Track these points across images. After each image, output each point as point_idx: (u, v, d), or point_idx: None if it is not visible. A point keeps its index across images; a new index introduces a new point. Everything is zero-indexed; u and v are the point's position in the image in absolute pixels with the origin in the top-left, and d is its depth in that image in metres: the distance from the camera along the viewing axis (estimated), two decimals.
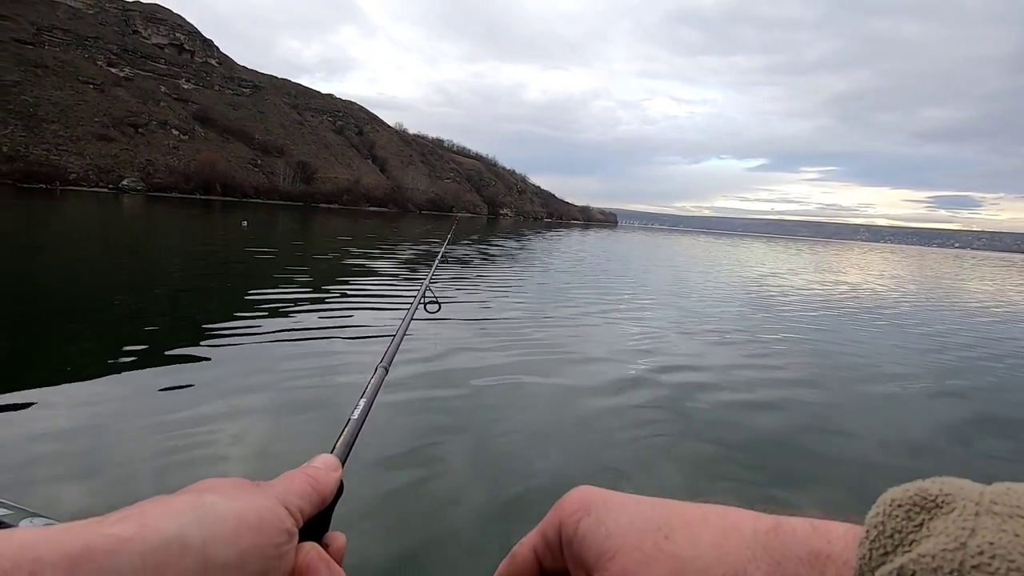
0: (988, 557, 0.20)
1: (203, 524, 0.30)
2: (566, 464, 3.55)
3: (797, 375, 6.08)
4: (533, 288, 11.88)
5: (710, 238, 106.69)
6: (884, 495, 0.24)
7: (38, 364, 4.69)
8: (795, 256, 43.58)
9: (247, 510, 0.33)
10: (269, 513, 0.34)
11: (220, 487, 0.34)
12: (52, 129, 79.37)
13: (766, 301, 12.73)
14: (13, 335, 5.52)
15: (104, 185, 76.09)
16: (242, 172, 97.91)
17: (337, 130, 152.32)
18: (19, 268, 9.84)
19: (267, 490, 0.36)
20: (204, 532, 0.30)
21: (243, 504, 0.33)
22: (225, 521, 0.32)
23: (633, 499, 0.33)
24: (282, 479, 0.38)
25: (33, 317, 6.26)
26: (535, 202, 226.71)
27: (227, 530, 0.31)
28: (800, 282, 19.16)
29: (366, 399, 0.56)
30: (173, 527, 0.29)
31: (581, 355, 6.26)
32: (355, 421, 0.52)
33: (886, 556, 0.23)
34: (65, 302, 7.30)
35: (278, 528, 0.34)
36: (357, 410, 0.53)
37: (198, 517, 0.31)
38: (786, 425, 4.48)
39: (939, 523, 0.22)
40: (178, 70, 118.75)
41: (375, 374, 0.64)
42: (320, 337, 6.08)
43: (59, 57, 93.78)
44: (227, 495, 0.33)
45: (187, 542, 0.29)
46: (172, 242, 17.68)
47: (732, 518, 0.30)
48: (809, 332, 8.91)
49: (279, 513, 0.35)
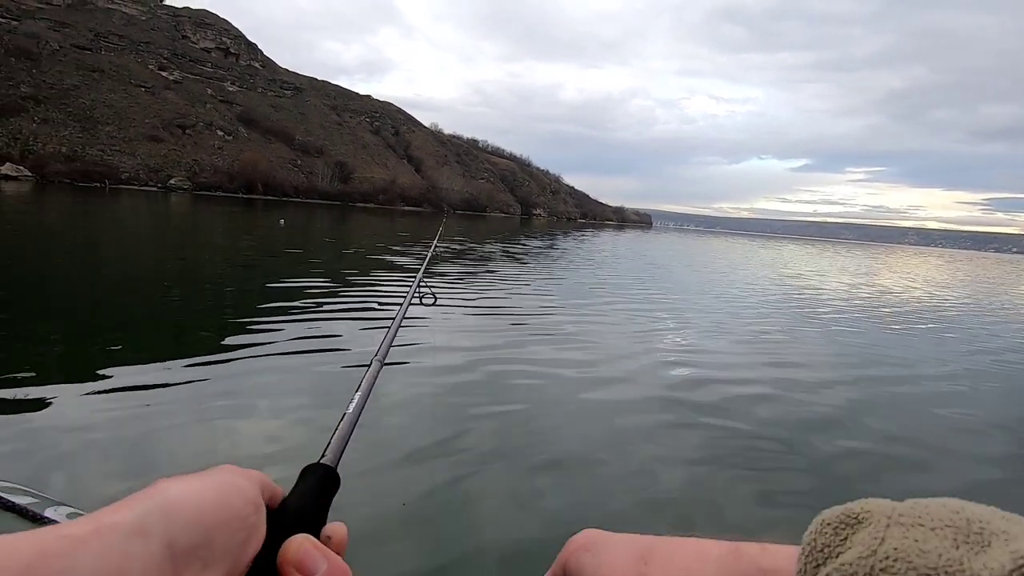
0: (892, 560, 0.23)
1: (161, 510, 0.30)
2: (587, 457, 3.64)
3: (840, 384, 5.88)
4: (554, 289, 12.13)
5: (746, 240, 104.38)
6: (817, 517, 0.28)
7: (76, 356, 5.20)
8: (836, 259, 42.46)
9: (205, 489, 0.32)
10: (229, 487, 0.34)
11: (175, 477, 0.33)
12: (107, 130, 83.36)
13: (805, 310, 12.60)
14: (71, 324, 6.10)
15: (153, 184, 79.47)
16: (283, 172, 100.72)
17: (374, 131, 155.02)
18: (82, 261, 10.63)
19: (221, 468, 0.35)
20: (164, 518, 0.29)
21: (201, 484, 0.33)
22: (184, 504, 0.31)
23: (628, 537, 0.36)
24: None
25: (85, 308, 6.87)
26: (569, 202, 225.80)
27: (188, 513, 0.30)
28: (842, 286, 18.85)
29: (361, 392, 0.56)
30: (130, 520, 0.28)
31: (607, 356, 6.37)
32: (350, 415, 0.51)
33: (817, 568, 0.26)
34: (116, 294, 7.95)
35: (242, 500, 0.34)
36: (352, 404, 0.53)
37: (155, 504, 0.30)
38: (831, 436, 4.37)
39: (858, 536, 0.26)
40: (224, 73, 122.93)
41: (370, 367, 0.64)
42: (333, 334, 6.47)
43: (114, 62, 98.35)
44: (183, 480, 0.33)
45: (147, 532, 0.28)
46: (215, 239, 18.62)
47: (701, 546, 0.33)
48: (856, 344, 8.49)
49: (239, 484, 0.34)
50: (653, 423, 4.40)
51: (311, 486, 0.41)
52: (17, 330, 5.57)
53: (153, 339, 5.66)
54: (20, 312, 6.30)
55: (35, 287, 7.86)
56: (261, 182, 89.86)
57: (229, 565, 0.32)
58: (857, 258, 50.45)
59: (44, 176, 64.10)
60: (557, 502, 3.12)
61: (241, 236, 19.92)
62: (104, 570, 0.26)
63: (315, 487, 0.41)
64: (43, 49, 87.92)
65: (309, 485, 0.41)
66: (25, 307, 6.57)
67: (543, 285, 12.41)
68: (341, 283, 9.96)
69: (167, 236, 18.11)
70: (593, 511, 3.07)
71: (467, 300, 9.19)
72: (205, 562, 0.30)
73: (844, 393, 5.66)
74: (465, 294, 9.84)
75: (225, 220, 28.72)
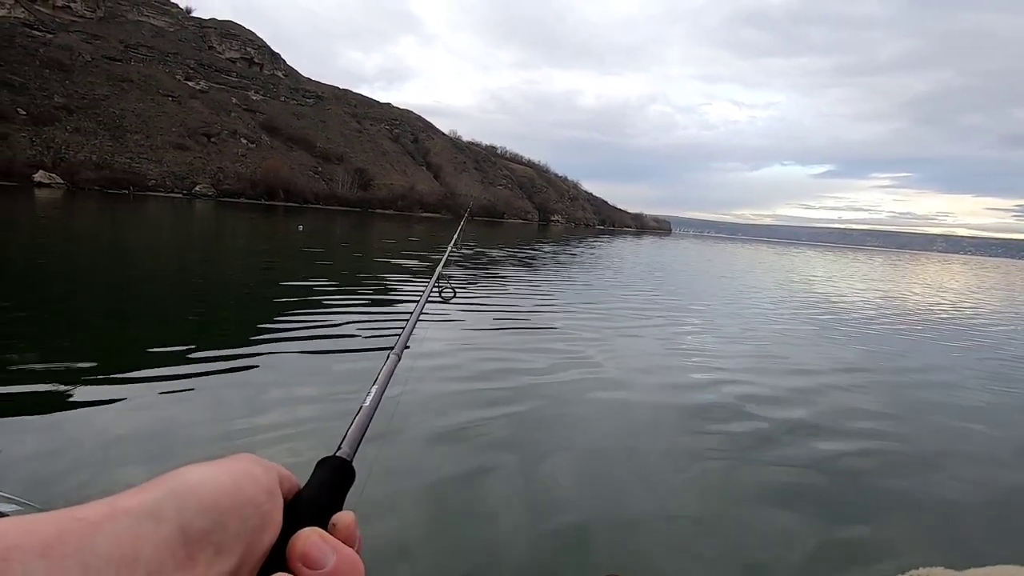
0: None
1: (175, 494, 0.30)
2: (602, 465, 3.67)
3: (868, 399, 5.76)
4: (568, 291, 12.31)
5: (765, 247, 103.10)
6: None
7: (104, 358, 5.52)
8: (851, 266, 41.90)
9: (219, 474, 0.33)
10: (243, 474, 0.34)
11: (191, 464, 0.33)
12: (135, 139, 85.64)
13: (830, 319, 12.62)
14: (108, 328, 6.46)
15: (179, 191, 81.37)
16: (304, 179, 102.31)
17: (393, 138, 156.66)
18: (114, 265, 11.11)
19: (238, 456, 0.36)
20: (177, 502, 0.30)
21: (216, 470, 0.33)
22: (198, 488, 0.31)
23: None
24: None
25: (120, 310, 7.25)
26: (587, 209, 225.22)
27: (202, 497, 0.31)
28: (850, 290, 18.71)
29: (378, 386, 0.56)
30: (145, 503, 0.29)
31: (624, 357, 6.50)
32: (367, 408, 0.51)
33: None
34: (142, 291, 8.34)
35: (256, 487, 0.34)
36: (369, 397, 0.53)
37: (169, 488, 0.30)
38: (853, 454, 4.28)
39: None
40: (248, 82, 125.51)
41: (387, 361, 0.64)
42: (350, 332, 6.73)
43: (143, 72, 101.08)
44: (200, 466, 0.33)
45: (161, 515, 0.29)
46: (238, 242, 19.22)
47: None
48: (882, 353, 8.31)
49: (254, 472, 0.35)
50: (667, 424, 4.51)
51: (325, 478, 0.41)
52: (48, 326, 5.95)
53: (177, 334, 5.99)
54: (52, 309, 6.69)
55: (67, 285, 8.30)
56: (283, 189, 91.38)
57: (243, 552, 0.32)
58: (876, 265, 49.67)
59: (75, 183, 66.09)
60: (573, 498, 3.21)
61: (261, 240, 20.47)
62: (118, 552, 0.27)
63: (329, 479, 0.41)
64: (76, 61, 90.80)
65: (323, 477, 0.41)
66: (56, 304, 6.97)
67: (557, 288, 12.59)
68: (356, 283, 10.28)
69: (192, 240, 18.71)
70: (608, 509, 3.13)
71: (485, 302, 9.42)
72: (218, 548, 0.31)
73: (855, 398, 5.72)
74: (481, 295, 10.07)
75: (247, 225, 29.43)
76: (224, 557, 0.31)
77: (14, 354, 4.83)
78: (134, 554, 0.27)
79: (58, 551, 0.25)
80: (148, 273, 10.62)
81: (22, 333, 5.49)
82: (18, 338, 5.30)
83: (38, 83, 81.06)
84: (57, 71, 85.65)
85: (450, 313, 7.46)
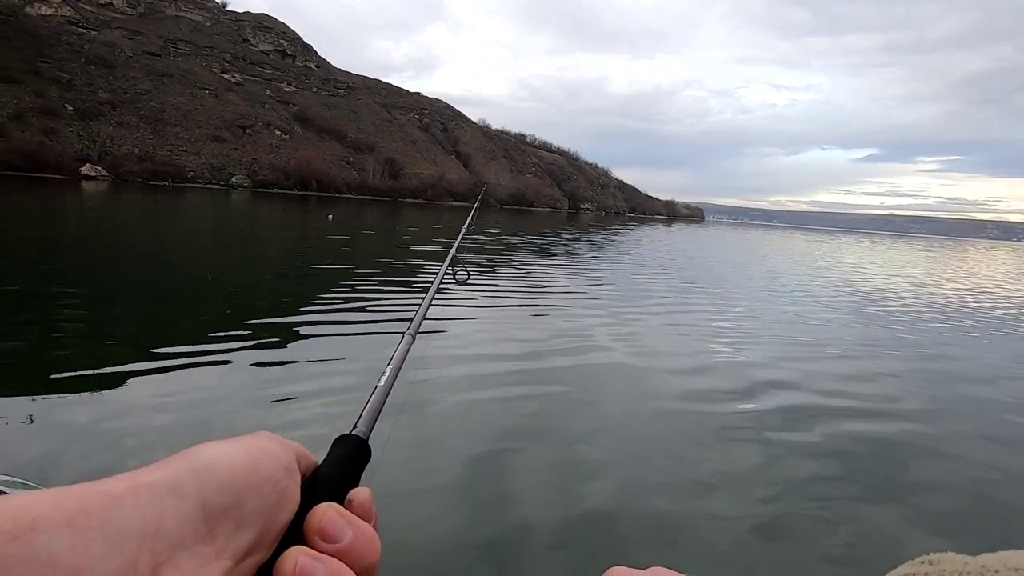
0: None
1: (195, 471, 0.31)
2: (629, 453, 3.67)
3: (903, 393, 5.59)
4: (588, 277, 12.43)
5: (799, 234, 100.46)
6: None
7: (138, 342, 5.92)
8: (886, 254, 40.67)
9: (238, 451, 0.34)
10: (261, 452, 0.35)
11: (210, 441, 0.34)
12: (174, 132, 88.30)
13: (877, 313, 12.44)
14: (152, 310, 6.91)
15: (216, 182, 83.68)
16: (335, 169, 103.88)
17: (423, 127, 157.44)
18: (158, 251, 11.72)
19: (257, 434, 0.37)
20: (197, 479, 0.31)
21: (234, 447, 0.34)
22: (217, 465, 0.32)
23: (648, 571, 0.35)
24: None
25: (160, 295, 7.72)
26: (617, 197, 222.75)
27: (221, 473, 0.32)
28: (875, 277, 18.30)
29: (392, 366, 0.56)
30: (166, 478, 0.30)
31: (647, 340, 6.56)
32: (382, 388, 0.52)
33: None
34: (187, 281, 8.82)
35: (274, 464, 0.35)
36: (383, 377, 0.53)
37: (190, 465, 0.31)
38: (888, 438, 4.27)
39: None
40: (281, 74, 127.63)
41: (402, 341, 0.64)
42: (371, 307, 7.03)
43: (181, 66, 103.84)
44: (218, 443, 0.34)
45: (182, 491, 0.30)
46: (271, 232, 19.88)
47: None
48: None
49: (272, 449, 0.36)
50: (690, 408, 4.55)
51: (342, 456, 0.42)
52: (96, 305, 6.41)
53: (212, 313, 6.39)
54: (100, 289, 7.18)
55: (113, 272, 8.85)
56: (315, 179, 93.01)
57: (261, 528, 0.33)
58: (913, 252, 48.03)
59: (119, 176, 68.64)
60: (593, 476, 3.24)
61: (294, 229, 21.09)
62: (141, 525, 0.27)
63: (346, 457, 0.42)
64: (118, 57, 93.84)
65: (340, 455, 0.42)
66: (104, 285, 7.47)
67: (576, 272, 12.72)
68: (378, 267, 10.61)
69: (228, 229, 19.43)
70: (632, 494, 3.15)
71: (500, 283, 9.63)
72: (237, 523, 0.31)
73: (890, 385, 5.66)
74: (497, 279, 10.28)
75: (280, 215, 30.25)
76: (243, 532, 0.31)
77: (65, 331, 5.26)
78: (156, 528, 0.28)
79: (83, 523, 0.26)
80: (187, 259, 11.18)
81: (73, 313, 5.94)
82: (70, 318, 5.75)
83: (84, 79, 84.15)
84: (101, 67, 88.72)
85: (465, 294, 7.69)
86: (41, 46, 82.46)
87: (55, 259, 9.71)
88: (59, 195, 30.08)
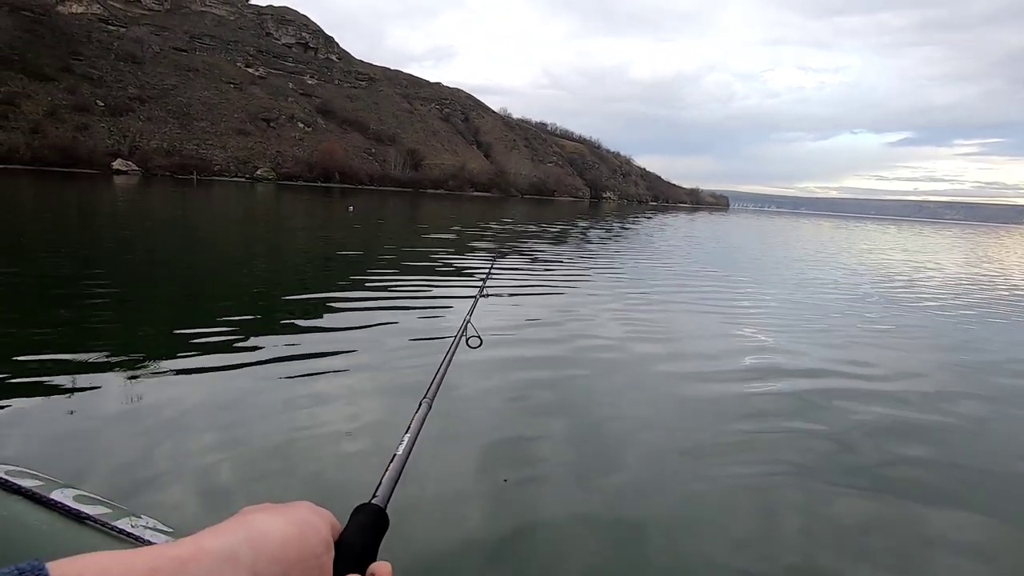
0: None
1: (251, 541, 0.34)
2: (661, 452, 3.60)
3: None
4: (610, 271, 12.53)
5: (824, 221, 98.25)
6: None
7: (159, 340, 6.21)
8: (921, 240, 39.72)
9: (287, 524, 0.37)
10: (307, 525, 0.38)
11: (261, 508, 0.38)
12: (200, 126, 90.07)
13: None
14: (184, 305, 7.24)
15: (241, 175, 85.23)
16: (358, 160, 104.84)
17: (444, 117, 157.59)
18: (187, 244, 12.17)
19: (300, 504, 0.40)
20: (252, 549, 0.34)
21: (284, 518, 0.37)
22: (270, 537, 0.35)
23: None
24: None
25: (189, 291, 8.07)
26: (640, 185, 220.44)
27: (273, 545, 0.35)
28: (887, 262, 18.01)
29: (410, 435, 0.57)
30: (225, 547, 0.33)
31: (675, 338, 6.46)
32: (399, 457, 0.53)
33: None
34: (212, 274, 9.18)
35: (317, 539, 0.38)
36: (401, 446, 0.54)
37: (245, 535, 0.35)
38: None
39: None
40: (303, 67, 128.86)
41: (419, 409, 0.64)
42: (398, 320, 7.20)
43: (207, 61, 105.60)
44: (268, 512, 0.38)
45: (237, 560, 0.33)
46: (295, 223, 20.37)
47: None
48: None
49: (315, 523, 0.39)
50: (714, 403, 4.49)
51: (363, 526, 0.43)
52: (129, 297, 6.77)
53: (241, 307, 6.69)
54: (134, 282, 7.55)
55: (146, 259, 9.26)
56: (338, 171, 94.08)
57: None
58: (944, 238, 46.74)
59: (148, 170, 70.40)
60: (625, 497, 3.07)
61: (314, 220, 21.54)
62: None
63: (366, 527, 0.43)
64: (146, 53, 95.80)
65: (361, 524, 0.44)
66: (137, 277, 7.85)
67: (595, 266, 12.83)
68: (414, 261, 10.85)
69: (254, 221, 19.96)
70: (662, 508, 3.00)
71: (524, 288, 9.79)
72: None
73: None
74: (523, 282, 10.43)
75: (303, 206, 30.84)
76: None
77: (100, 324, 5.60)
78: None
79: None
80: (217, 251, 11.60)
81: (107, 304, 6.30)
82: (105, 309, 6.10)
83: (114, 75, 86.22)
84: (130, 63, 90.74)
85: (498, 308, 7.47)
86: (73, 44, 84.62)
87: (95, 249, 10.20)
88: (93, 189, 31.10)
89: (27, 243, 10.55)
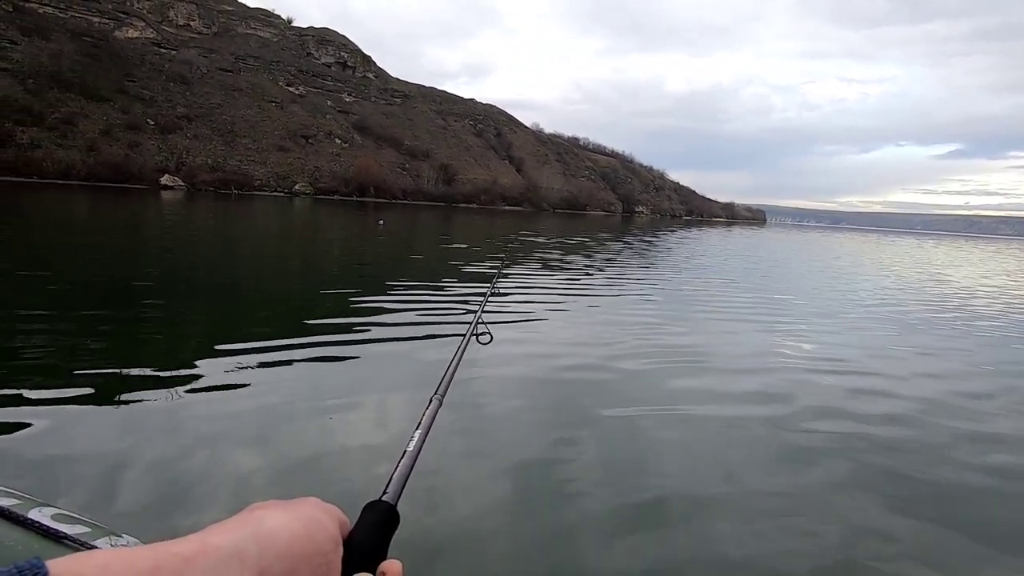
0: None
1: (257, 538, 0.34)
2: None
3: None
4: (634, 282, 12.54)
5: (861, 236, 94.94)
6: None
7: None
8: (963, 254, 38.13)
9: (294, 521, 0.37)
10: (314, 523, 0.38)
11: (268, 505, 0.38)
12: (243, 143, 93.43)
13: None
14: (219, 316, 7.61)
15: (280, 190, 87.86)
16: (392, 175, 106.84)
17: (477, 133, 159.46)
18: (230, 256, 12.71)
19: (307, 501, 0.40)
20: (259, 546, 0.34)
21: (291, 516, 0.37)
22: (276, 534, 0.35)
23: None
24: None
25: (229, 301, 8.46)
26: (673, 199, 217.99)
27: (280, 542, 0.35)
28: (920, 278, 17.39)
29: (421, 431, 0.57)
30: (231, 543, 0.33)
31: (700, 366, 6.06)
32: (410, 453, 0.53)
33: None
34: (256, 286, 9.59)
35: (324, 536, 0.38)
36: (412, 442, 0.55)
37: (252, 532, 0.34)
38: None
39: None
40: (341, 85, 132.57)
41: (429, 405, 0.64)
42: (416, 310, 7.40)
43: (250, 81, 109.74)
44: (275, 508, 0.37)
45: (244, 557, 0.32)
46: (331, 235, 21.01)
47: None
48: None
49: (323, 520, 0.39)
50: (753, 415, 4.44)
51: (373, 523, 0.44)
52: (172, 309, 7.16)
53: (277, 316, 7.00)
54: (176, 293, 7.97)
55: (189, 273, 9.74)
56: (373, 186, 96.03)
57: None
58: (983, 255, 44.65)
59: (193, 185, 73.25)
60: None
61: (347, 232, 22.13)
62: None
63: (377, 524, 0.44)
64: (194, 73, 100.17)
65: (371, 522, 0.44)
66: (180, 288, 8.28)
67: (624, 280, 12.86)
68: (433, 275, 11.09)
69: (291, 234, 20.65)
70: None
71: (536, 290, 9.92)
72: None
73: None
74: (537, 289, 10.55)
75: (339, 220, 31.67)
76: None
77: (143, 335, 5.92)
78: None
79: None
80: (256, 264, 12.09)
81: (151, 316, 6.67)
82: (148, 320, 6.43)
83: (164, 96, 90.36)
84: (179, 83, 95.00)
85: (508, 296, 7.92)
86: (127, 66, 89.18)
87: (145, 262, 10.79)
88: (143, 204, 32.62)
89: (78, 256, 11.18)
